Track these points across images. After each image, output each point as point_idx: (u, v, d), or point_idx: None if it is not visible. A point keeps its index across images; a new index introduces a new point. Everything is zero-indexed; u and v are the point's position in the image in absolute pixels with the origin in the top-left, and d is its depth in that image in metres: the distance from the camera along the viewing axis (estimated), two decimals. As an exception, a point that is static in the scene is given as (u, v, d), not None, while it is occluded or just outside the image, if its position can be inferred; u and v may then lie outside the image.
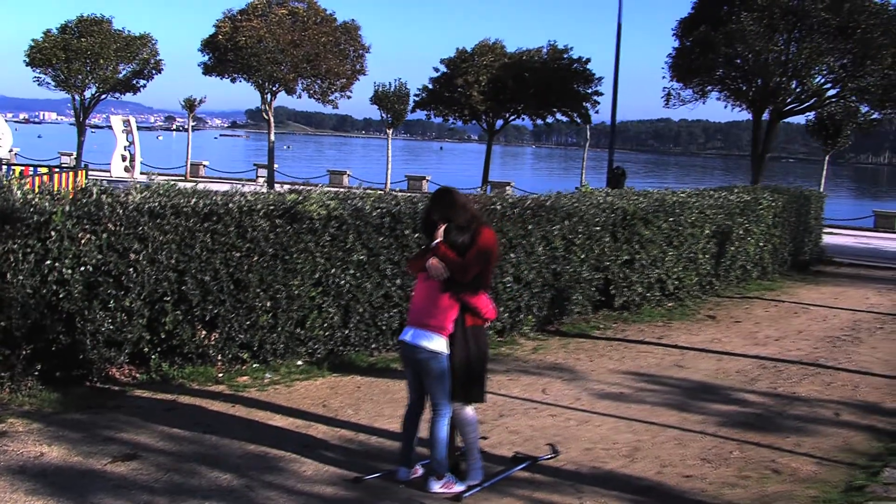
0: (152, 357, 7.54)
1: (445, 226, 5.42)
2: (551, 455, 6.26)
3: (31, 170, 20.35)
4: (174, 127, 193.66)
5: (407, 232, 8.72)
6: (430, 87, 28.14)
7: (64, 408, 6.71)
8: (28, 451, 5.81)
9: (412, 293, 5.79)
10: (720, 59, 20.01)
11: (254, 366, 8.02)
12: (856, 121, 22.87)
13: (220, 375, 7.72)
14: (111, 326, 7.19)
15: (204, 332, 7.70)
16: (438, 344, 5.37)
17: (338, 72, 25.22)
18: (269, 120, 26.21)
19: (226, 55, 24.46)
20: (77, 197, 7.39)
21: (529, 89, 25.99)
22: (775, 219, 15.67)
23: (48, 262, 6.91)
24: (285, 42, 24.10)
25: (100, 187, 7.55)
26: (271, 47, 24.00)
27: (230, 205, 7.81)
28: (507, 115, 28.02)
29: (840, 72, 19.84)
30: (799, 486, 5.93)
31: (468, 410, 5.54)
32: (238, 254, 7.76)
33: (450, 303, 5.38)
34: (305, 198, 8.28)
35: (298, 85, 25.75)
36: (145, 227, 7.33)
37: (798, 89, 20.59)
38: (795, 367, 9.38)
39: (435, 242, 5.42)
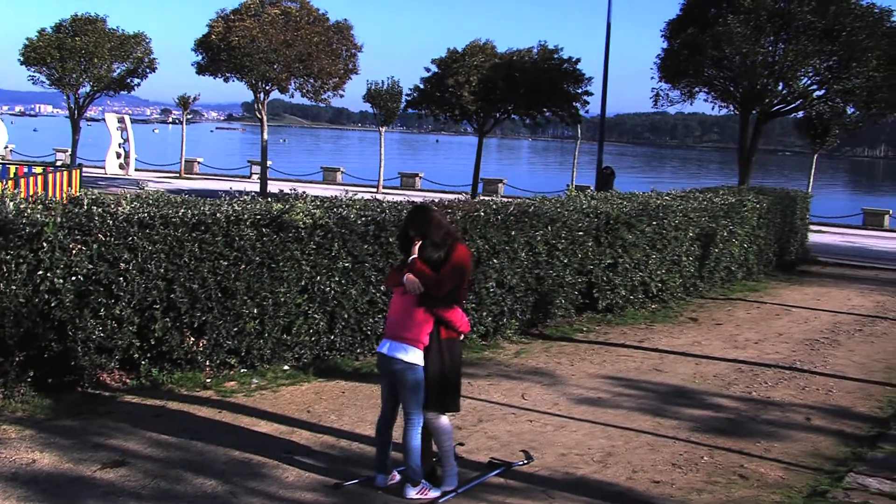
0: (142, 363, 7.76)
1: (421, 242, 5.63)
2: (525, 461, 6.47)
3: (26, 168, 20.47)
4: (170, 120, 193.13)
5: (391, 239, 8.88)
6: (421, 87, 28.31)
7: (56, 414, 6.92)
8: (20, 457, 6.02)
9: (390, 306, 6.00)
10: (708, 61, 20.21)
11: (241, 371, 8.23)
12: (842, 122, 23.10)
13: (209, 381, 7.92)
14: (102, 334, 7.41)
15: (192, 339, 7.90)
16: (414, 356, 5.59)
17: (330, 71, 25.40)
18: (262, 119, 26.36)
19: (219, 55, 24.63)
20: (68, 208, 7.61)
21: (520, 89, 26.17)
22: (760, 220, 15.86)
23: (40, 272, 7.13)
24: (278, 42, 24.27)
25: (90, 198, 7.76)
26: (264, 47, 24.17)
27: (218, 214, 8.01)
28: (498, 115, 28.20)
29: (826, 73, 20.06)
30: (764, 492, 6.15)
31: (443, 419, 5.76)
32: (226, 262, 7.97)
33: (425, 316, 5.60)
34: (291, 207, 8.48)
35: (291, 84, 25.94)
36: (135, 237, 7.54)
37: (784, 91, 20.81)
38: (772, 371, 9.59)
39: (411, 258, 5.63)
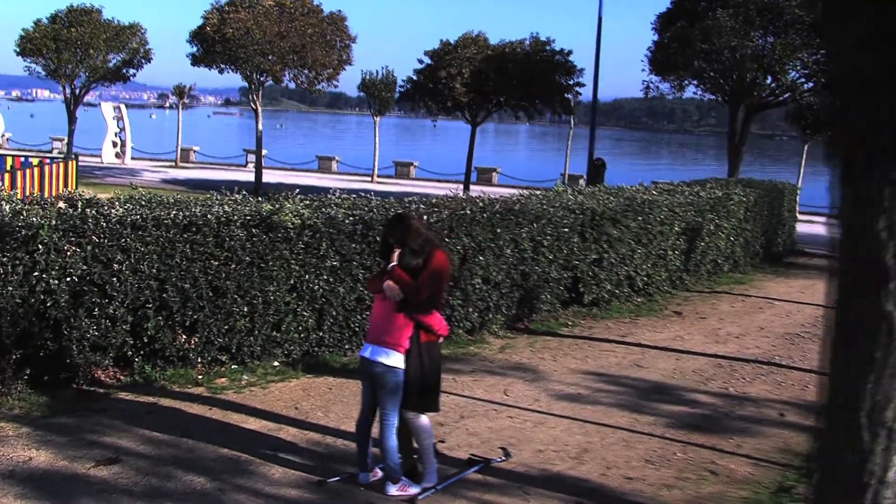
0: (136, 360, 8.00)
1: (400, 250, 5.87)
2: (503, 458, 6.72)
3: (23, 160, 20.62)
4: (167, 105, 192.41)
5: (379, 238, 9.12)
6: (414, 78, 28.45)
7: (52, 411, 7.17)
8: (17, 455, 6.27)
9: (371, 311, 6.23)
10: (698, 54, 20.41)
11: (232, 367, 8.47)
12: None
13: (200, 377, 8.17)
14: (96, 332, 7.65)
15: (184, 337, 8.15)
16: (395, 360, 5.83)
17: (324, 62, 25.52)
18: (256, 110, 26.51)
19: (214, 46, 24.74)
20: (63, 210, 7.83)
21: (512, 81, 26.32)
22: (747, 213, 16.04)
23: (36, 273, 7.36)
24: (272, 33, 24.40)
25: (84, 200, 7.98)
26: (258, 39, 24.29)
27: (208, 216, 8.24)
28: (490, 107, 28.35)
29: (814, 67, 20.26)
30: (732, 488, 6.40)
31: (423, 419, 6.01)
32: (216, 262, 8.20)
33: (405, 321, 5.84)
34: (280, 207, 8.70)
35: (286, 75, 26.08)
36: (128, 238, 7.77)
37: (773, 84, 21.02)
38: (750, 367, 9.83)
39: (391, 266, 5.87)
